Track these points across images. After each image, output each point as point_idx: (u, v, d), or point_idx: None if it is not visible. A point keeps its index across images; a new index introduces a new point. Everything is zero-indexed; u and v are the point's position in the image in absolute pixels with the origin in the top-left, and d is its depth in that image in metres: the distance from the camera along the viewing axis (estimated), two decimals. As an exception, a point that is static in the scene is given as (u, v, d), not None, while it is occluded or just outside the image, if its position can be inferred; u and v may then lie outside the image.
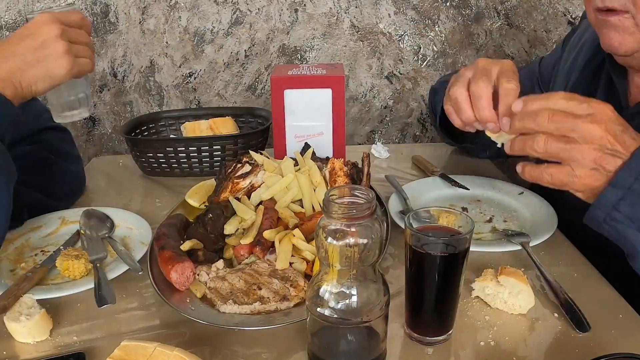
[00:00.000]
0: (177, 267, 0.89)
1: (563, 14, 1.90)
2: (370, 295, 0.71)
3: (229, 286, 0.89)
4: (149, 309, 0.90)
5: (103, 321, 0.87)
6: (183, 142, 1.41)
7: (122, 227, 1.13)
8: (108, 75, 1.96)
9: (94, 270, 0.96)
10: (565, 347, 0.79)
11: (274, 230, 0.98)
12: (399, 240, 0.96)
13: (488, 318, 0.86)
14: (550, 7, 1.90)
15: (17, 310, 0.83)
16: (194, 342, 0.81)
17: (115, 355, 0.70)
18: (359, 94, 2.00)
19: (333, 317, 0.70)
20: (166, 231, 1.00)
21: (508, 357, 0.77)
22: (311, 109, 1.33)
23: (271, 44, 1.93)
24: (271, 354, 0.79)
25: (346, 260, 0.68)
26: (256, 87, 1.98)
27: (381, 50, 1.95)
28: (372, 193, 0.69)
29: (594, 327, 0.81)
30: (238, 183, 1.12)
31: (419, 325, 0.81)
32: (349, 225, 0.66)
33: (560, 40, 1.93)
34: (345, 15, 1.90)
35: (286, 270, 0.93)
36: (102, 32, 1.90)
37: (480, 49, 1.96)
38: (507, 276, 0.86)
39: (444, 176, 1.32)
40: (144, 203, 1.30)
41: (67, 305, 0.90)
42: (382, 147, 1.57)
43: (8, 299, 0.86)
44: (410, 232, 0.76)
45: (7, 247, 1.07)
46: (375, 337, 0.73)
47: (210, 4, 1.88)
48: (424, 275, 0.77)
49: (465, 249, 0.76)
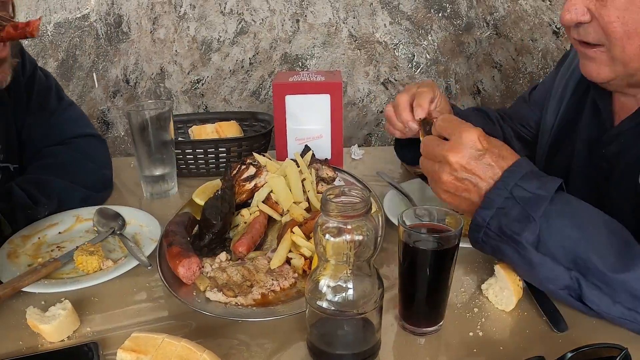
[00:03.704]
0: (185, 262, 0.89)
1: (548, 24, 1.90)
2: (365, 289, 0.71)
3: (226, 277, 0.89)
4: (158, 301, 0.90)
5: (115, 313, 0.87)
6: (190, 144, 1.41)
7: (133, 225, 1.12)
8: (121, 81, 1.95)
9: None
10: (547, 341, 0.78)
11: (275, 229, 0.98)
12: (393, 237, 0.95)
13: (477, 311, 0.85)
14: (536, 17, 1.89)
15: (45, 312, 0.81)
16: (200, 333, 0.81)
17: (126, 345, 0.69)
18: (356, 99, 1.99)
19: (331, 309, 0.70)
20: (174, 228, 1.00)
21: (495, 347, 0.77)
22: (311, 113, 1.33)
23: (274, 52, 1.93)
24: (273, 344, 0.79)
25: (343, 256, 0.68)
26: (260, 92, 1.98)
27: (377, 58, 1.94)
28: (367, 192, 0.69)
29: (572, 327, 0.80)
30: (244, 185, 1.12)
31: (412, 316, 0.81)
32: (345, 222, 0.66)
33: (545, 49, 1.93)
34: (343, 25, 1.90)
35: (283, 268, 0.92)
36: (115, 41, 1.90)
37: (471, 57, 1.95)
38: (502, 269, 0.85)
39: (424, 177, 1.31)
40: (154, 202, 1.30)
41: (82, 298, 0.90)
42: (357, 148, 1.58)
43: (5, 290, 0.85)
44: (403, 229, 0.76)
45: (25, 243, 1.06)
46: (370, 328, 0.73)
47: (217, 14, 1.87)
48: (416, 270, 0.77)
49: (455, 245, 0.76)
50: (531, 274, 0.81)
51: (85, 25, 1.88)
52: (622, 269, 0.73)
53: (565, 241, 0.76)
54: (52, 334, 0.79)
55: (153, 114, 1.23)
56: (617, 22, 0.86)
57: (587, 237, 0.76)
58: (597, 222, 0.79)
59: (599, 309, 0.76)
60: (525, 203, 0.77)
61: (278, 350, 0.77)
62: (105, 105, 1.97)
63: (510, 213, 0.78)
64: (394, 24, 1.90)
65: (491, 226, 0.80)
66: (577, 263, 0.76)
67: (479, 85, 2.00)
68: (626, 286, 0.73)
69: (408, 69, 1.95)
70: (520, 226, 0.77)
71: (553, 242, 0.76)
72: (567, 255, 0.76)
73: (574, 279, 0.76)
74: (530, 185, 0.78)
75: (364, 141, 2.06)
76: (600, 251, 0.75)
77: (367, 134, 2.05)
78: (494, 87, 2.00)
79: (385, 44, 1.92)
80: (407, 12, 1.89)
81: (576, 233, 0.76)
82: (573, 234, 0.76)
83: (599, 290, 0.75)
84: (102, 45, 1.90)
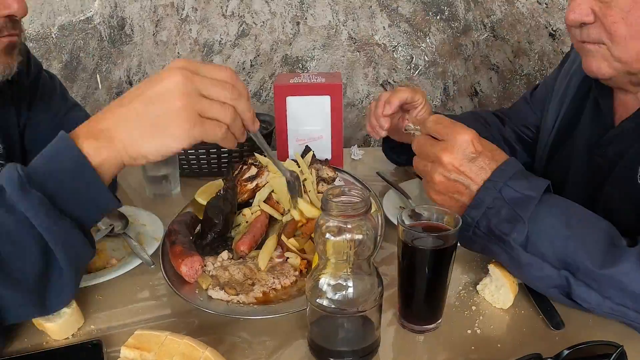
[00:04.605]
0: (187, 261, 0.89)
1: (544, 27, 1.90)
2: (365, 287, 0.71)
3: (228, 276, 0.89)
4: (161, 299, 0.90)
5: (119, 311, 0.87)
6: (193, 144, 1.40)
7: (136, 224, 1.12)
8: (124, 83, 1.95)
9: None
10: (544, 338, 0.78)
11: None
12: (392, 236, 0.95)
13: (475, 309, 0.85)
14: (533, 20, 1.89)
15: None
16: (202, 330, 0.81)
17: (129, 343, 0.69)
18: (356, 100, 1.99)
19: (331, 307, 0.70)
20: (177, 227, 1.00)
21: (492, 345, 0.77)
22: (311, 114, 1.33)
23: (275, 54, 1.93)
24: (274, 341, 0.79)
25: (343, 255, 0.68)
26: (261, 94, 1.98)
27: (376, 60, 1.94)
28: (366, 192, 0.69)
29: (568, 324, 0.80)
30: (245, 185, 1.12)
31: (411, 315, 0.81)
32: (345, 222, 0.66)
33: (541, 51, 1.93)
34: (343, 27, 1.90)
35: (284, 266, 0.92)
36: (118, 44, 1.90)
37: (468, 59, 1.95)
38: (496, 267, 0.85)
39: None
40: (157, 201, 1.29)
41: (87, 297, 0.90)
42: (357, 149, 1.59)
43: None
44: (402, 228, 0.76)
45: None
46: (370, 325, 0.73)
47: (218, 17, 1.87)
48: (415, 269, 0.77)
49: (454, 244, 0.76)
50: (520, 273, 0.82)
51: (89, 27, 1.87)
52: (609, 264, 0.73)
53: (554, 241, 0.76)
54: (57, 331, 0.79)
55: None
56: (620, 22, 0.86)
57: (575, 236, 0.76)
58: (585, 221, 0.79)
59: (590, 306, 0.76)
60: (514, 204, 0.77)
61: (279, 347, 0.77)
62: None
63: (499, 213, 0.78)
64: (393, 26, 1.90)
65: (480, 226, 0.80)
66: (566, 262, 0.76)
67: (476, 86, 2.00)
68: (613, 281, 0.73)
69: (406, 70, 1.95)
70: (509, 227, 0.77)
71: (542, 243, 0.76)
72: (556, 255, 0.76)
73: (563, 278, 0.76)
74: (519, 185, 0.78)
75: (364, 142, 2.06)
76: (588, 249, 0.75)
77: (366, 135, 2.05)
78: (491, 88, 2.00)
79: (384, 46, 1.92)
80: (405, 15, 1.89)
81: (564, 232, 0.76)
82: (561, 233, 0.76)
83: (588, 287, 0.75)
84: (106, 47, 1.90)
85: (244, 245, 0.96)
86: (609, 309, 0.75)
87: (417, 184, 1.30)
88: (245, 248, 0.96)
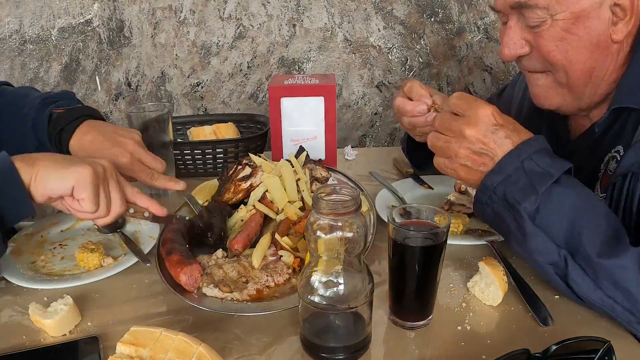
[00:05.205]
0: (186, 270, 0.87)
1: (537, 29, 1.90)
2: (356, 284, 0.71)
3: (222, 274, 0.90)
4: (156, 297, 0.90)
5: (115, 308, 0.87)
6: (189, 145, 1.41)
7: (133, 223, 1.13)
8: (123, 85, 1.96)
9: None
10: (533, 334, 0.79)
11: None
12: (384, 235, 0.96)
13: (465, 305, 0.86)
14: (526, 22, 1.90)
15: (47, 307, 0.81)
16: (196, 327, 0.82)
17: (125, 339, 0.70)
18: (351, 101, 2.00)
19: (322, 303, 0.70)
20: (172, 236, 0.97)
21: (482, 341, 0.78)
22: (305, 115, 1.33)
23: (271, 56, 1.93)
24: (267, 337, 0.79)
25: (334, 252, 0.69)
26: (258, 95, 1.98)
27: (372, 62, 1.95)
28: (356, 191, 0.70)
29: (557, 321, 0.80)
30: (240, 185, 1.12)
31: (402, 311, 0.81)
32: (336, 220, 0.67)
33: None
34: (338, 29, 1.90)
35: (277, 264, 0.93)
36: (117, 46, 1.90)
37: (462, 60, 1.96)
38: (486, 265, 0.85)
39: (415, 177, 1.32)
40: (153, 201, 1.30)
41: (84, 294, 0.90)
42: (350, 149, 1.59)
43: None
44: (393, 226, 0.76)
45: (28, 241, 1.07)
46: (361, 322, 0.73)
47: (216, 19, 1.88)
48: (406, 266, 0.78)
49: (443, 241, 0.76)
50: (522, 244, 0.82)
51: (88, 30, 1.88)
52: (607, 255, 0.74)
53: (562, 220, 0.77)
54: (54, 328, 0.80)
55: (153, 116, 1.23)
56: (555, 50, 0.88)
57: (582, 220, 0.77)
58: (595, 209, 0.80)
59: (581, 291, 0.77)
60: (532, 176, 0.78)
61: (272, 343, 0.78)
62: (107, 108, 1.97)
63: (517, 182, 0.79)
64: (388, 28, 1.91)
65: (497, 191, 0.81)
66: (569, 243, 0.77)
67: (470, 88, 2.00)
68: (609, 272, 0.74)
69: (401, 72, 1.96)
70: (522, 195, 0.78)
71: (550, 218, 0.78)
72: (560, 234, 0.77)
73: (562, 257, 0.77)
74: (542, 161, 0.79)
75: (359, 142, 2.06)
76: (591, 235, 0.76)
77: (361, 135, 2.05)
78: (484, 89, 2.01)
79: (379, 47, 1.93)
80: (400, 17, 1.89)
81: (573, 214, 0.77)
82: (570, 214, 0.77)
83: (584, 272, 0.76)
84: (105, 49, 1.90)
85: (239, 244, 0.96)
86: (599, 300, 0.76)
87: (409, 184, 1.30)
88: (240, 246, 0.96)
